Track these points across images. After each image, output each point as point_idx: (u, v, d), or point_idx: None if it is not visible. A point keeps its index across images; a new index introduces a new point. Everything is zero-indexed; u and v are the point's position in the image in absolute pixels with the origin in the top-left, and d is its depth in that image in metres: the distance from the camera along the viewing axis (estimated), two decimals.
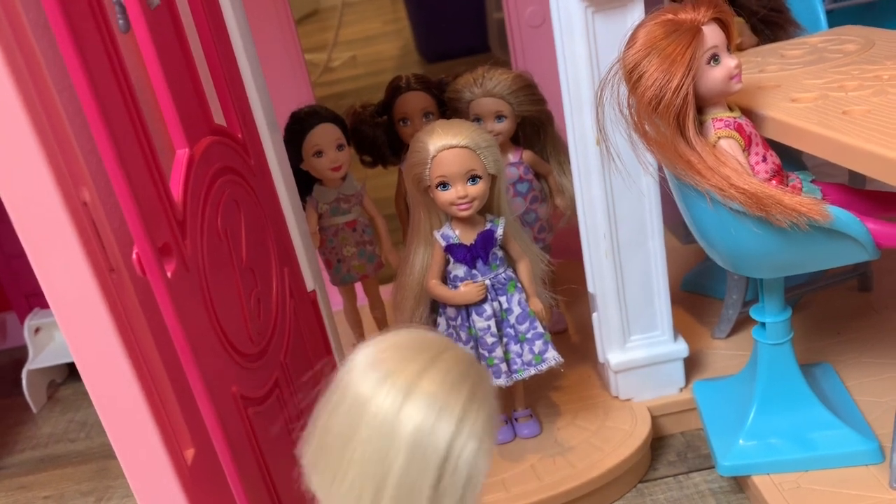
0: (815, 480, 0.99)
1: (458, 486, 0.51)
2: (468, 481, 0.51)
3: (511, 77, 1.23)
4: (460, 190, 1.00)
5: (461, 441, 0.50)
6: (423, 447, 0.50)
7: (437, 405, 0.50)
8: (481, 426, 0.51)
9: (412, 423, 0.50)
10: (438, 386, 0.51)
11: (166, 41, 0.76)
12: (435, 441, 0.50)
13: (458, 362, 0.53)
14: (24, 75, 0.65)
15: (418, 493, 0.50)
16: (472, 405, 0.51)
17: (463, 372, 0.53)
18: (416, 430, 0.50)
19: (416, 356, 0.53)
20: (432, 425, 0.50)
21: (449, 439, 0.50)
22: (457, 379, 0.52)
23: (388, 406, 0.50)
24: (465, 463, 0.50)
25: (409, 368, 0.52)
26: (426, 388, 0.51)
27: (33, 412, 1.66)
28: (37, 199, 0.67)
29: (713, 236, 0.92)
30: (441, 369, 0.52)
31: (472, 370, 0.54)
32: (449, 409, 0.50)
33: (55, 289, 0.69)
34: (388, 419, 0.50)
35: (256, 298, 0.87)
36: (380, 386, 0.51)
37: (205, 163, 0.79)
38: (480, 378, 0.54)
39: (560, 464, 1.10)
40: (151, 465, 0.75)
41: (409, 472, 0.50)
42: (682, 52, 0.84)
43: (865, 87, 0.89)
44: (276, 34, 1.48)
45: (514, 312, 1.06)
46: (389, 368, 0.52)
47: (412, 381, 0.51)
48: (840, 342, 1.23)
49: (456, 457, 0.50)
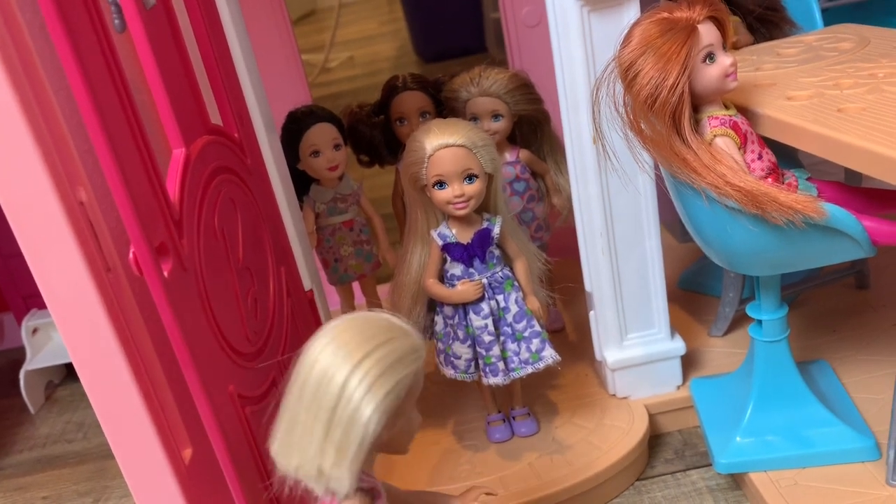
0: (812, 477, 0.99)
1: (341, 427, 0.61)
2: (352, 422, 0.61)
3: (507, 76, 1.23)
4: (457, 189, 1.00)
5: (352, 384, 0.61)
6: (323, 389, 0.62)
7: (343, 351, 0.62)
8: (375, 374, 0.61)
9: (322, 365, 0.62)
10: (351, 337, 0.63)
11: (162, 41, 0.76)
12: (332, 382, 0.61)
13: (385, 327, 0.64)
14: (20, 75, 0.65)
15: (313, 431, 0.62)
16: (373, 356, 0.62)
17: (381, 329, 0.64)
18: (322, 371, 0.62)
19: (356, 318, 0.65)
20: (334, 367, 0.62)
21: (342, 381, 0.61)
22: (371, 334, 0.63)
23: (312, 350, 0.63)
24: (352, 406, 0.61)
25: (342, 324, 0.64)
26: (342, 337, 0.63)
27: (31, 413, 1.65)
28: (33, 199, 0.67)
29: (709, 234, 0.92)
30: (361, 326, 0.64)
31: (392, 332, 0.64)
32: (351, 356, 0.62)
33: (52, 289, 0.69)
34: (309, 362, 0.63)
35: (253, 298, 0.87)
36: (315, 337, 0.64)
37: (201, 162, 0.79)
38: (397, 339, 0.64)
39: (558, 462, 1.11)
40: (149, 464, 0.75)
41: (310, 411, 0.62)
42: (677, 50, 0.84)
43: (860, 84, 0.89)
44: (273, 35, 1.48)
45: (512, 311, 1.06)
46: (331, 325, 0.65)
47: (335, 334, 0.63)
48: (837, 339, 1.23)
49: (346, 399, 0.61)
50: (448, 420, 1.24)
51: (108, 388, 0.73)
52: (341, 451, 0.61)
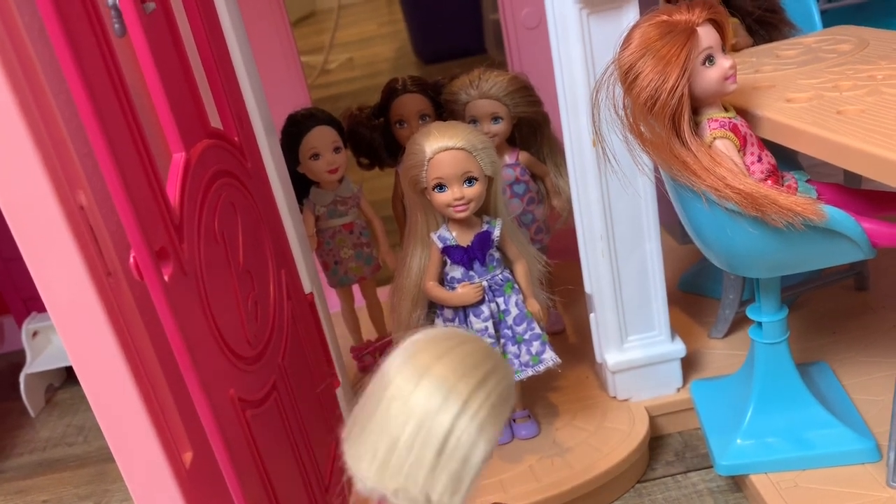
0: (812, 479, 1.00)
1: (456, 461, 0.56)
2: (466, 460, 0.56)
3: (507, 79, 1.23)
4: (457, 192, 1.00)
5: (462, 424, 0.56)
6: (430, 422, 0.56)
7: (446, 388, 0.56)
8: (485, 414, 0.56)
9: (422, 400, 0.56)
10: (451, 371, 0.57)
11: (162, 45, 0.76)
12: (440, 418, 0.56)
13: (476, 352, 0.59)
14: (19, 79, 0.65)
15: (421, 460, 0.56)
16: (480, 392, 0.57)
17: (478, 361, 0.59)
18: (425, 407, 0.56)
19: (438, 344, 0.59)
20: (438, 407, 0.56)
21: (452, 419, 0.56)
22: (470, 366, 0.58)
23: (404, 384, 0.57)
24: (465, 443, 0.56)
25: (427, 353, 0.58)
26: (439, 371, 0.57)
27: (31, 416, 1.65)
28: (33, 204, 0.67)
29: (709, 236, 0.92)
30: (457, 357, 0.58)
31: (488, 361, 0.59)
32: (456, 392, 0.56)
33: (52, 293, 0.69)
34: (404, 394, 0.57)
35: (254, 301, 0.87)
36: (401, 368, 0.58)
37: (201, 166, 0.79)
38: (496, 370, 0.59)
39: (558, 464, 1.11)
40: (150, 468, 0.75)
41: (417, 438, 0.56)
42: (676, 52, 0.84)
43: (860, 86, 0.89)
44: (273, 36, 1.48)
45: (512, 313, 1.06)
46: (412, 353, 0.59)
47: (428, 364, 0.57)
48: (837, 341, 1.24)
49: (458, 435, 0.56)
50: None
51: (108, 392, 0.73)
52: (455, 485, 0.57)
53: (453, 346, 0.59)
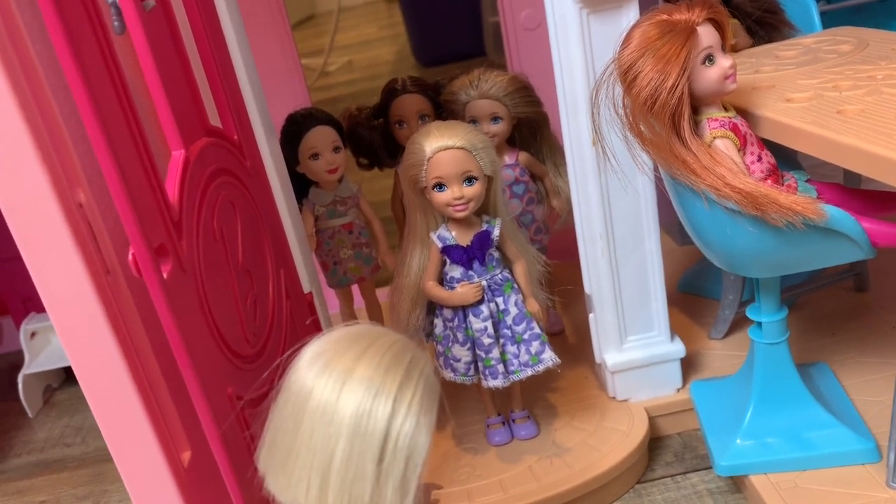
0: (812, 480, 0.99)
1: (400, 464, 0.53)
2: (409, 458, 0.54)
3: (507, 79, 1.23)
4: (456, 191, 1.00)
5: (399, 420, 0.53)
6: (363, 429, 0.53)
7: (374, 388, 0.53)
8: (418, 404, 0.54)
9: (351, 407, 0.53)
10: (374, 370, 0.54)
11: (162, 43, 0.76)
12: (374, 422, 0.53)
13: (392, 346, 0.56)
14: (19, 77, 0.65)
15: (362, 473, 0.53)
16: (408, 385, 0.54)
17: (396, 354, 0.56)
18: (354, 414, 0.53)
19: (352, 345, 0.56)
20: (370, 408, 0.53)
21: (387, 419, 0.53)
22: (391, 361, 0.55)
23: (327, 394, 0.54)
24: (405, 440, 0.53)
25: (345, 357, 0.55)
26: (362, 373, 0.54)
27: (29, 417, 1.65)
28: (32, 201, 0.67)
29: (709, 236, 0.92)
30: (375, 354, 0.55)
31: (406, 352, 0.57)
32: (385, 390, 0.54)
33: (51, 291, 0.69)
34: (329, 407, 0.53)
35: (253, 300, 0.87)
36: (319, 377, 0.55)
37: (200, 164, 0.79)
38: (416, 359, 0.57)
39: (557, 465, 1.10)
40: (148, 468, 0.75)
41: (352, 453, 0.53)
42: (676, 52, 0.84)
43: (859, 86, 0.89)
44: (272, 38, 1.48)
45: (511, 313, 1.06)
46: (327, 360, 0.55)
47: (349, 367, 0.54)
48: (836, 342, 1.23)
49: (395, 435, 0.53)
50: (447, 423, 1.24)
51: (106, 391, 0.73)
52: (403, 488, 0.54)
53: (370, 344, 0.56)
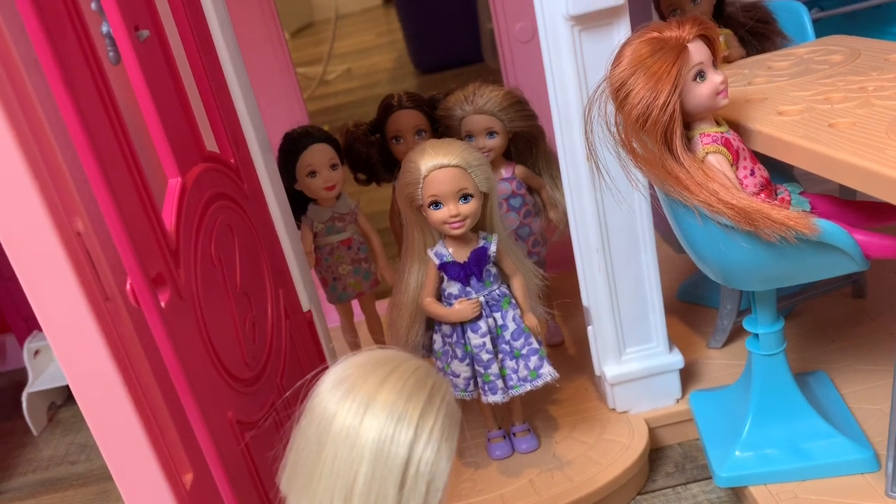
0: (811, 490, 1.00)
1: (421, 489, 0.54)
2: (430, 484, 0.54)
3: (501, 94, 1.24)
4: (452, 209, 1.00)
5: (420, 446, 0.54)
6: (385, 454, 0.53)
7: (396, 414, 0.54)
8: (439, 431, 0.55)
9: (373, 432, 0.54)
10: (396, 395, 0.55)
11: (157, 71, 0.77)
12: (396, 448, 0.54)
13: (414, 372, 0.57)
14: (15, 107, 0.66)
15: (384, 497, 0.54)
16: (430, 411, 0.55)
17: (419, 381, 0.57)
18: (377, 439, 0.54)
19: (375, 370, 0.57)
20: (392, 433, 0.54)
21: (409, 445, 0.54)
22: (413, 388, 0.56)
23: (350, 419, 0.54)
24: (426, 466, 0.54)
25: (368, 382, 0.56)
26: (384, 398, 0.55)
27: (34, 435, 1.66)
28: (30, 230, 0.68)
29: (703, 251, 0.93)
30: (398, 380, 0.56)
31: (428, 379, 0.57)
32: (407, 416, 0.54)
33: (50, 318, 0.70)
34: (352, 431, 0.54)
35: (251, 322, 0.88)
36: (342, 401, 0.55)
37: (197, 190, 0.80)
38: (438, 385, 0.58)
39: (558, 478, 1.11)
40: (150, 490, 0.75)
41: (374, 478, 0.53)
42: (667, 69, 0.84)
43: (851, 98, 0.89)
44: (268, 51, 1.49)
45: (509, 329, 1.07)
46: (351, 384, 0.56)
47: (371, 393, 0.55)
48: (835, 350, 1.24)
49: (417, 461, 0.54)
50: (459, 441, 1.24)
51: (107, 416, 0.73)
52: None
53: (393, 369, 0.57)
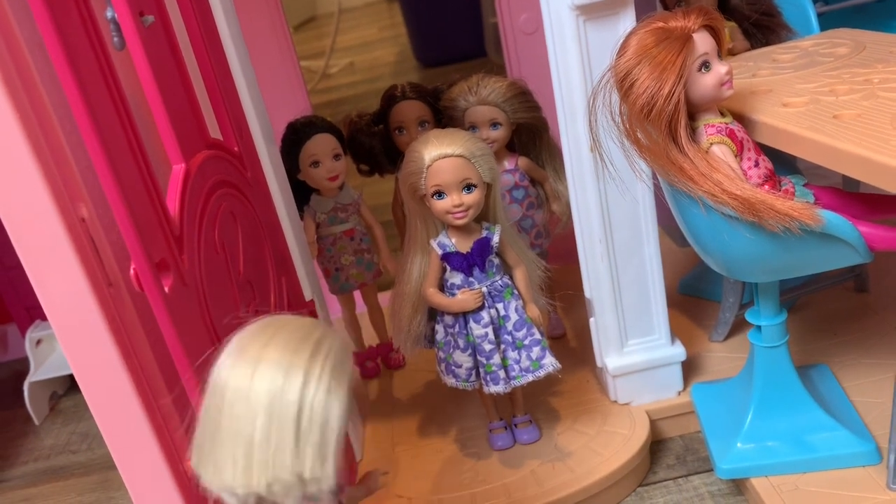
0: (813, 482, 1.00)
1: (316, 431, 0.58)
2: (325, 425, 0.58)
3: (505, 85, 1.24)
4: (455, 199, 1.00)
5: (311, 392, 0.58)
6: (278, 405, 0.57)
7: (283, 367, 0.58)
8: (329, 376, 0.58)
9: (263, 387, 0.57)
10: (281, 352, 0.59)
11: (161, 57, 0.77)
12: (287, 396, 0.57)
13: (301, 327, 0.61)
14: (19, 92, 0.66)
15: (281, 444, 0.57)
16: (316, 360, 0.59)
17: (305, 333, 0.60)
18: (269, 391, 0.57)
19: (259, 335, 0.61)
20: (282, 385, 0.57)
21: (299, 391, 0.57)
22: (298, 342, 0.59)
23: (241, 381, 0.58)
24: (319, 410, 0.58)
25: (254, 344, 0.60)
26: (271, 355, 0.58)
27: (35, 424, 1.66)
28: (34, 217, 0.68)
29: (707, 242, 0.93)
30: (283, 338, 0.60)
31: (314, 332, 0.61)
32: (294, 367, 0.58)
33: (54, 304, 0.70)
34: (243, 391, 0.58)
35: (255, 310, 0.88)
36: (233, 367, 0.59)
37: (201, 177, 0.80)
38: (323, 337, 0.61)
39: (560, 469, 1.11)
40: (152, 477, 0.75)
41: (271, 427, 0.57)
42: (672, 59, 0.84)
43: (856, 90, 0.89)
44: (272, 43, 1.49)
45: (512, 319, 1.07)
46: (239, 350, 0.60)
47: (258, 353, 0.59)
48: (837, 343, 1.24)
49: (309, 407, 0.57)
50: (450, 428, 1.24)
51: (110, 402, 0.73)
52: (322, 454, 0.59)
53: (277, 330, 0.60)
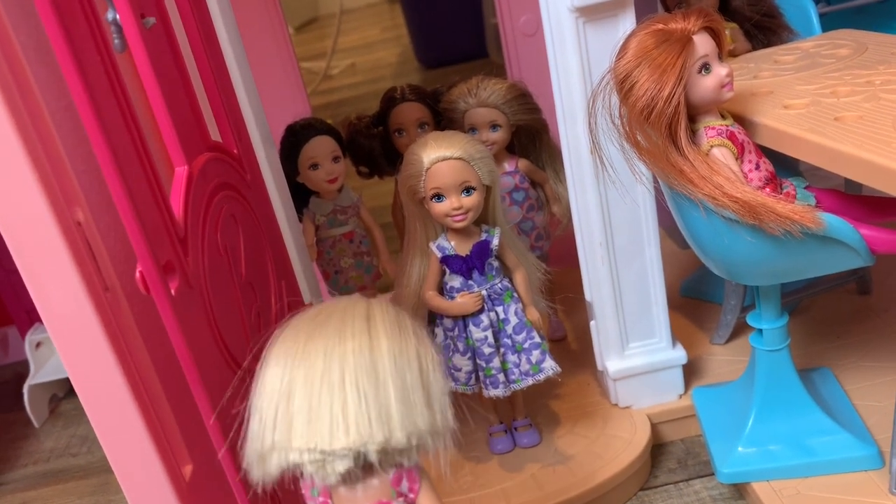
0: (814, 487, 0.99)
1: (439, 382, 0.62)
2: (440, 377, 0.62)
3: (505, 87, 1.24)
4: (455, 201, 1.00)
5: (423, 348, 0.62)
6: (403, 359, 0.61)
7: (397, 332, 0.62)
8: (426, 341, 0.63)
9: (387, 348, 0.61)
10: (389, 321, 0.62)
11: (162, 59, 0.77)
12: (408, 353, 0.61)
13: (385, 303, 0.65)
14: (15, 96, 0.65)
15: (414, 392, 0.61)
16: (417, 330, 0.63)
17: (394, 309, 0.64)
18: (391, 351, 0.61)
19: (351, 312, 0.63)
20: (400, 345, 0.61)
21: (416, 348, 0.62)
22: (395, 314, 0.64)
23: (359, 348, 0.60)
24: (433, 364, 0.62)
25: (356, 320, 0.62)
26: (380, 325, 0.62)
27: (35, 427, 1.66)
28: (30, 221, 0.67)
29: (707, 245, 0.92)
30: (379, 312, 0.63)
31: (398, 309, 0.65)
32: (405, 332, 0.62)
33: (50, 309, 0.70)
34: (366, 356, 0.60)
35: (256, 313, 0.88)
36: (340, 343, 0.60)
37: (203, 179, 0.80)
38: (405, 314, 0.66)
39: (560, 472, 1.10)
40: (149, 482, 0.75)
41: (402, 379, 0.60)
42: (672, 61, 0.84)
43: (857, 92, 0.89)
44: (271, 44, 1.49)
45: (511, 322, 1.06)
46: (336, 328, 0.61)
47: (366, 325, 0.61)
48: (839, 346, 1.23)
49: (425, 359, 0.62)
50: None
51: (106, 407, 0.73)
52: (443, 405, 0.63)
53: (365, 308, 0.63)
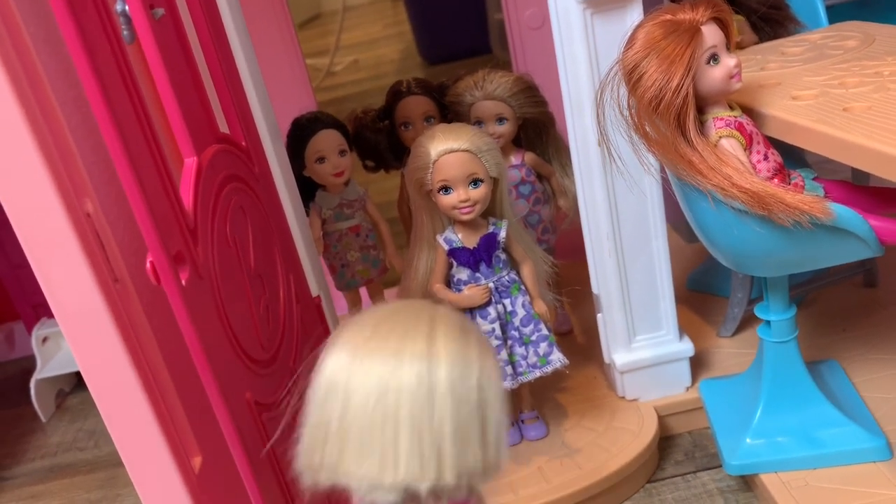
0: (823, 478, 0.99)
1: (497, 413, 0.58)
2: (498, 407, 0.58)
3: (511, 79, 1.23)
4: (462, 194, 1.00)
5: (486, 376, 0.57)
6: (463, 390, 0.56)
7: (460, 358, 0.57)
8: (491, 364, 0.59)
9: (446, 379, 0.56)
10: (453, 342, 0.57)
11: (171, 50, 0.77)
12: (468, 383, 0.56)
13: (451, 317, 0.60)
14: (25, 88, 0.66)
15: (471, 428, 0.56)
16: (483, 350, 0.58)
17: (460, 325, 0.59)
18: (451, 383, 0.56)
19: (413, 327, 0.58)
20: (461, 373, 0.56)
21: (478, 377, 0.57)
22: (460, 332, 0.58)
23: (416, 377, 0.56)
24: (494, 393, 0.58)
25: (416, 341, 0.57)
26: (442, 349, 0.57)
27: (42, 421, 1.66)
28: (40, 212, 0.67)
29: (716, 236, 0.92)
30: (443, 331, 0.58)
31: (464, 321, 0.60)
32: (469, 357, 0.57)
33: (60, 300, 0.70)
34: (423, 387, 0.56)
35: (265, 305, 0.88)
36: (398, 368, 0.56)
37: (212, 171, 0.80)
38: (472, 325, 0.61)
39: (567, 465, 1.10)
40: (159, 474, 0.75)
41: (459, 414, 0.56)
42: (681, 52, 0.84)
43: (866, 83, 0.89)
44: (277, 40, 1.48)
45: (519, 315, 1.06)
46: (395, 348, 0.57)
47: (426, 349, 0.57)
48: (846, 338, 1.23)
49: (486, 389, 0.57)
50: None
51: (117, 398, 0.73)
52: (499, 439, 0.58)
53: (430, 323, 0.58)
